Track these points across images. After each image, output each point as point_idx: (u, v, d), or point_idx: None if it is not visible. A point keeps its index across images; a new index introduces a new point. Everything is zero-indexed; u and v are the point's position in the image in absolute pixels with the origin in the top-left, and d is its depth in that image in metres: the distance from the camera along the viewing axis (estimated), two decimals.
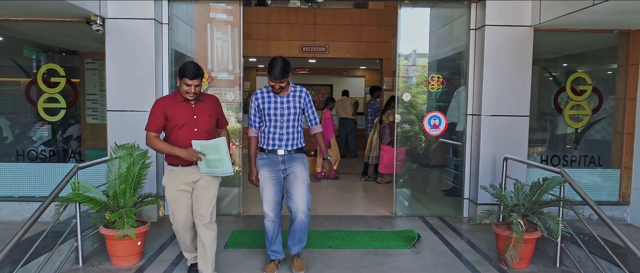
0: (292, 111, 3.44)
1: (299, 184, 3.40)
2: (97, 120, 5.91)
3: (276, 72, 3.26)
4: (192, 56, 5.37)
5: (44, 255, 3.37)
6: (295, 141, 3.49)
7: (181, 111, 3.16)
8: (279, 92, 3.40)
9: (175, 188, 3.23)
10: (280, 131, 3.44)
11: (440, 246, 4.33)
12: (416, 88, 5.55)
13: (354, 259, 3.92)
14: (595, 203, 3.37)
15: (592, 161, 5.47)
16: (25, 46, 5.81)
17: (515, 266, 3.69)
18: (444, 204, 5.69)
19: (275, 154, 3.46)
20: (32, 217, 3.12)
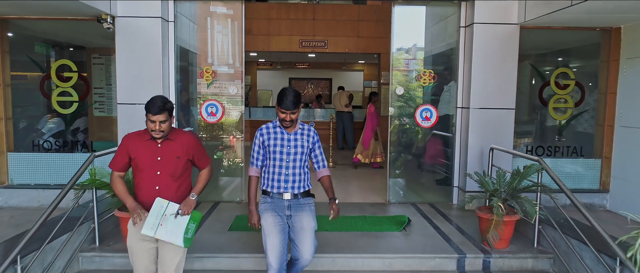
0: (299, 150, 3.13)
1: (307, 236, 3.10)
2: (103, 113, 6.18)
3: (288, 102, 2.98)
4: (195, 52, 5.67)
5: (66, 234, 3.70)
6: (302, 183, 3.17)
7: (145, 151, 2.86)
8: (288, 126, 3.11)
9: (136, 237, 2.87)
10: (286, 171, 3.11)
11: (429, 229, 4.66)
12: (409, 83, 5.86)
13: (348, 240, 4.26)
14: (569, 189, 3.68)
15: (575, 152, 5.79)
16: (37, 43, 6.10)
17: (496, 246, 4.02)
18: (435, 192, 6.01)
19: (281, 199, 3.12)
20: (55, 201, 3.43)
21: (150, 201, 2.83)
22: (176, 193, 2.91)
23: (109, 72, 6.05)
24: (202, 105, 5.57)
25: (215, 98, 5.60)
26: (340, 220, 4.90)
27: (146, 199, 2.87)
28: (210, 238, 4.28)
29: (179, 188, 2.93)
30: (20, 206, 5.31)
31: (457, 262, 3.96)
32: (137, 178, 2.92)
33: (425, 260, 3.97)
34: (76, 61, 5.81)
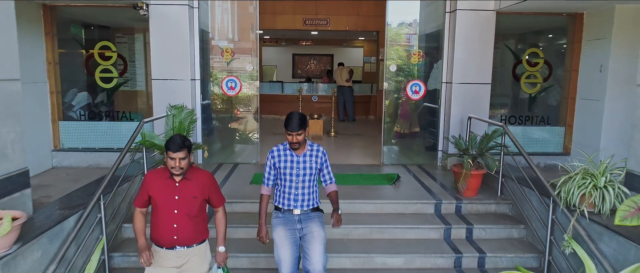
0: (308, 172, 3.33)
1: (317, 244, 3.25)
2: (127, 88, 7.02)
3: (293, 124, 3.17)
4: (216, 33, 6.55)
5: (126, 183, 4.68)
6: (311, 201, 3.38)
7: (163, 190, 2.92)
8: (296, 148, 3.29)
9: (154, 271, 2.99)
10: (296, 191, 3.32)
11: (415, 183, 5.66)
12: (402, 61, 6.76)
13: (347, 191, 5.25)
14: (524, 149, 4.61)
15: (543, 121, 6.74)
16: (73, 25, 6.93)
17: (466, 194, 5.01)
18: (424, 156, 6.99)
19: (291, 214, 3.34)
20: (119, 158, 4.34)
21: (166, 239, 2.93)
22: (192, 231, 2.98)
23: (132, 50, 6.90)
24: (223, 80, 6.49)
25: (234, 74, 6.51)
26: (341, 176, 5.89)
27: (163, 236, 2.94)
28: (236, 189, 5.29)
29: (195, 227, 2.99)
30: (72, 166, 6.29)
31: (434, 207, 4.96)
32: (154, 216, 2.97)
33: (410, 205, 4.97)
34: (102, 39, 6.63)
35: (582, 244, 3.53)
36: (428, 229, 4.64)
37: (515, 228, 4.68)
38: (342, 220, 3.42)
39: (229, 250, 4.13)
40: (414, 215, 4.90)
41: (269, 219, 3.46)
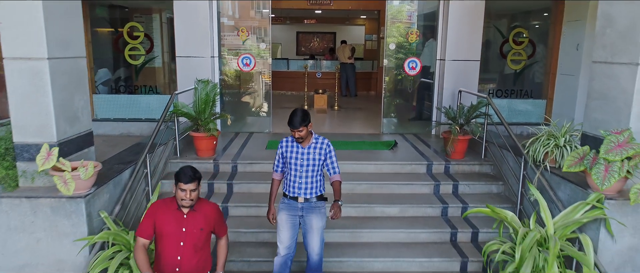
0: (312, 163, 3.58)
1: (314, 235, 3.61)
2: (151, 65, 7.72)
3: (295, 122, 3.42)
4: (233, 15, 7.24)
5: (161, 147, 5.45)
6: (315, 189, 3.63)
7: (171, 220, 2.88)
8: (301, 142, 3.54)
9: None
10: (300, 180, 3.59)
11: (410, 149, 6.45)
12: (400, 39, 7.45)
13: (351, 154, 6.04)
14: (504, 117, 5.34)
15: (526, 94, 7.49)
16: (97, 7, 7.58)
17: (453, 156, 5.79)
18: (419, 126, 7.76)
19: (295, 201, 3.62)
20: (158, 125, 5.06)
21: (170, 270, 2.89)
22: (197, 263, 2.97)
23: (148, 28, 7.56)
24: (239, 57, 7.20)
25: (249, 52, 7.23)
26: (345, 143, 6.67)
27: (167, 268, 2.91)
28: (254, 153, 6.08)
29: (199, 259, 2.98)
30: (106, 134, 7.06)
31: (426, 167, 5.75)
32: (159, 247, 2.93)
33: (405, 165, 5.76)
34: (122, 18, 7.29)
35: (545, 193, 4.33)
36: (420, 185, 5.44)
37: (494, 184, 5.48)
38: (350, 176, 4.17)
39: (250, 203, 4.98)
40: (408, 174, 5.69)
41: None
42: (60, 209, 3.53)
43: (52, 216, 3.54)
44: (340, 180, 3.74)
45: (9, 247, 3.59)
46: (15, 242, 3.58)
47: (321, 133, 7.02)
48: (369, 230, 4.80)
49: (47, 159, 3.37)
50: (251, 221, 4.90)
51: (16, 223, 3.55)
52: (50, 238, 3.58)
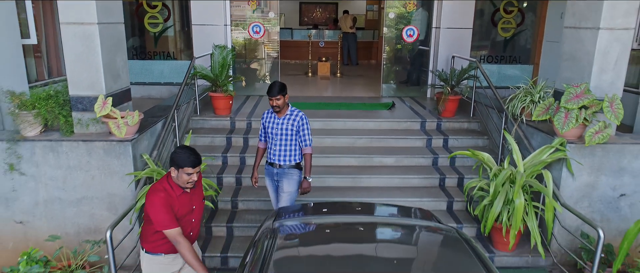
0: (285, 132, 3.92)
1: (283, 198, 4.03)
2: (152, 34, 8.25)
3: (273, 90, 3.83)
4: None
5: (184, 105, 6.12)
6: (289, 157, 3.98)
7: (183, 204, 2.96)
8: (278, 111, 3.90)
9: None
10: (275, 147, 3.99)
11: (407, 109, 7.12)
12: (399, 8, 8.01)
13: (353, 114, 6.72)
14: (490, 80, 5.98)
15: (515, 60, 8.11)
16: None
17: (444, 115, 6.46)
18: (416, 90, 8.40)
19: (272, 167, 4.05)
20: (182, 86, 5.71)
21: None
22: (199, 229, 3.24)
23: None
24: (250, 26, 7.79)
25: (259, 20, 7.81)
26: (347, 104, 7.33)
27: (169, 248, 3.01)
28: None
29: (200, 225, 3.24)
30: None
31: (420, 124, 6.43)
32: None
33: (401, 122, 6.44)
34: None
35: (521, 142, 5.01)
36: (414, 139, 6.14)
37: (480, 138, 6.16)
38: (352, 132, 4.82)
39: None
40: (404, 130, 6.38)
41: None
42: (111, 151, 4.24)
43: (105, 157, 4.24)
44: (310, 152, 4.02)
45: (69, 183, 4.31)
46: (75, 179, 4.30)
47: (325, 97, 7.79)
48: (368, 176, 5.52)
49: (103, 107, 4.05)
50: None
51: (75, 163, 4.26)
52: (103, 175, 4.30)
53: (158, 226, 2.88)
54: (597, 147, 4.33)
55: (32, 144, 4.22)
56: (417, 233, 2.74)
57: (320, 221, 3.06)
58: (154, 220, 2.89)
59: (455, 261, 2.41)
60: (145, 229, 3.04)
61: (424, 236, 2.75)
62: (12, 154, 4.19)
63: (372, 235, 2.81)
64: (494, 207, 4.25)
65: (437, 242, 2.71)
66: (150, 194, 2.91)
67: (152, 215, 2.88)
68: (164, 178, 2.99)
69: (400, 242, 2.74)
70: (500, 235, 4.48)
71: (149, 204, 2.89)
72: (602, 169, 4.42)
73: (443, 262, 2.46)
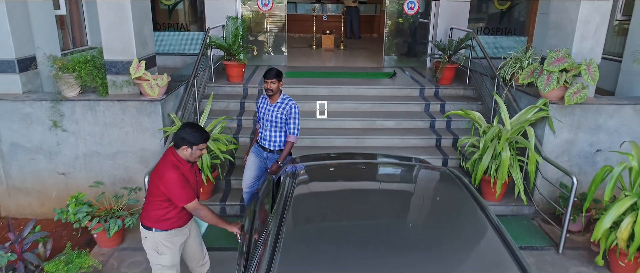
0: (275, 119, 4.04)
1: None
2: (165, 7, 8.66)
3: (269, 74, 3.97)
4: None
5: (201, 72, 6.60)
6: (278, 143, 4.12)
7: (191, 176, 3.08)
8: (271, 95, 4.01)
9: (177, 252, 3.19)
10: (265, 132, 4.13)
11: (407, 78, 7.60)
12: None
13: (355, 81, 7.21)
14: (484, 49, 6.45)
15: (510, 31, 8.53)
16: None
17: (441, 82, 6.95)
18: (416, 61, 8.86)
19: (263, 150, 4.21)
20: (199, 55, 6.17)
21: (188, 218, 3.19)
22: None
23: None
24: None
25: None
26: (351, 73, 7.81)
27: (187, 218, 3.18)
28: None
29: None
30: None
31: (419, 91, 6.93)
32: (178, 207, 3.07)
33: (402, 89, 6.94)
34: None
35: (511, 105, 5.52)
36: (414, 104, 6.64)
37: (474, 104, 6.66)
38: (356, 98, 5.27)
39: None
40: (404, 96, 6.88)
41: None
42: (143, 110, 4.76)
43: (137, 115, 4.76)
44: (293, 141, 4.09)
45: (105, 138, 4.85)
46: (110, 135, 4.83)
47: (329, 67, 8.26)
48: (371, 137, 6.05)
49: (137, 70, 4.55)
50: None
51: (110, 120, 4.79)
52: (135, 132, 4.83)
53: (181, 202, 2.97)
54: (576, 107, 4.84)
55: (73, 104, 4.74)
56: (416, 170, 3.27)
57: (332, 163, 3.60)
58: (175, 197, 2.94)
59: (447, 189, 2.94)
60: (157, 212, 3.03)
61: (422, 173, 3.27)
62: (55, 113, 4.71)
63: (377, 173, 3.35)
64: (483, 160, 4.79)
65: (433, 177, 3.23)
66: (166, 173, 2.92)
67: (172, 192, 2.92)
68: (169, 156, 3.00)
69: (402, 177, 3.27)
70: (488, 186, 5.04)
71: (168, 182, 2.91)
72: (580, 127, 4.94)
73: (438, 190, 2.99)
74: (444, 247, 2.22)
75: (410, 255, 2.12)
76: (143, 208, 3.14)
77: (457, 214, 2.56)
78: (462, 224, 2.45)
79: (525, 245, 4.63)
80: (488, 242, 2.23)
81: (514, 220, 5.10)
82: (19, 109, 4.72)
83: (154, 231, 3.07)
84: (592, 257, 4.33)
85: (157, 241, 3.08)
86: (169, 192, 2.95)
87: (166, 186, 2.93)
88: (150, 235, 3.09)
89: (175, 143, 3.00)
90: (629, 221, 3.73)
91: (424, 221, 2.57)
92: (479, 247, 2.23)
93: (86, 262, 3.66)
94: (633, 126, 4.94)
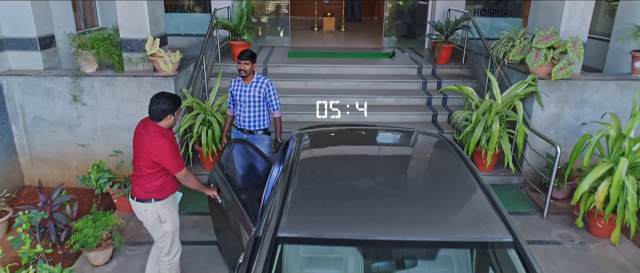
0: (252, 99, 4.09)
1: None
2: None
3: (244, 55, 4.04)
4: None
5: (209, 51, 6.91)
6: (258, 122, 4.19)
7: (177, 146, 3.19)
8: (244, 76, 4.04)
9: (176, 214, 3.33)
10: (244, 114, 4.16)
11: (406, 57, 7.90)
12: None
13: (355, 60, 7.51)
14: (479, 29, 6.74)
15: (507, 13, 8.79)
16: None
17: (438, 62, 7.26)
18: (415, 42, 9.15)
19: (241, 132, 4.23)
20: (207, 34, 6.50)
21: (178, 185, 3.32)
22: None
23: None
24: None
25: None
26: (352, 54, 8.11)
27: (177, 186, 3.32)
28: (279, 59, 7.55)
29: None
30: None
31: (417, 70, 7.23)
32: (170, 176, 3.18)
33: (400, 68, 7.25)
34: None
35: (503, 81, 5.83)
36: (412, 83, 6.96)
37: (469, 82, 6.98)
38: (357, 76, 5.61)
39: (280, 94, 6.47)
40: (403, 75, 7.19)
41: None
42: (157, 84, 5.08)
43: (152, 90, 5.09)
44: (279, 116, 4.24)
45: (122, 112, 5.19)
46: (127, 108, 5.17)
47: (331, 47, 8.54)
48: (371, 113, 6.38)
49: (152, 46, 4.87)
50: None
51: (126, 95, 5.12)
52: None
53: (174, 169, 3.07)
54: (563, 82, 5.16)
55: (91, 79, 5.07)
56: (414, 136, 3.60)
57: (335, 129, 3.94)
58: (169, 165, 3.04)
59: (440, 152, 3.27)
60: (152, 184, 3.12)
61: (419, 138, 3.60)
62: (75, 88, 5.04)
63: (376, 137, 3.69)
64: (475, 133, 5.12)
65: (428, 141, 3.56)
66: (156, 142, 2.99)
67: (166, 160, 3.02)
68: (151, 128, 3.06)
69: (399, 141, 3.60)
70: (480, 157, 5.39)
71: (161, 151, 2.99)
72: (567, 101, 5.27)
73: (432, 153, 3.32)
74: (435, 198, 2.55)
75: (406, 207, 2.44)
76: (133, 183, 3.19)
77: (448, 172, 2.89)
78: (453, 180, 2.77)
79: (513, 210, 5.00)
80: (470, 190, 2.57)
81: (504, 188, 5.46)
82: (41, 84, 5.05)
83: (153, 202, 3.15)
84: (574, 220, 4.70)
85: (158, 210, 3.19)
86: (162, 161, 3.02)
87: (159, 155, 3.00)
88: (150, 207, 3.17)
89: (156, 117, 3.03)
90: (605, 185, 4.08)
91: (418, 178, 2.90)
92: (464, 197, 2.56)
93: (111, 220, 4.02)
94: (616, 101, 5.27)
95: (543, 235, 4.58)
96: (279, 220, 2.27)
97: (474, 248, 2.50)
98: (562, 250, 4.35)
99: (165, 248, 3.32)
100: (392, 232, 2.23)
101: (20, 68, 5.20)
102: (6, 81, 5.03)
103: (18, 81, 5.03)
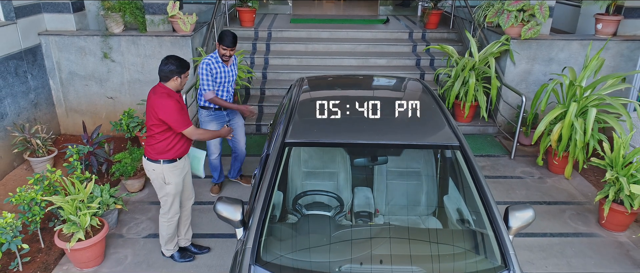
0: (232, 78, 4.28)
1: (241, 132, 4.48)
2: None
3: (228, 41, 3.95)
4: None
5: (219, 16, 7.59)
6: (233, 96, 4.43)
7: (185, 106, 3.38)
8: (227, 60, 4.07)
9: (180, 180, 3.47)
10: (227, 92, 4.28)
11: (400, 24, 8.57)
12: None
13: (352, 26, 8.19)
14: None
15: None
16: None
17: (428, 27, 7.92)
18: (408, 10, 9.77)
19: (221, 111, 4.27)
20: (215, 11, 7.18)
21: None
22: None
23: None
24: None
25: None
26: (349, 20, 8.77)
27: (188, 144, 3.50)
28: (282, 24, 8.22)
29: None
30: None
31: (408, 34, 7.92)
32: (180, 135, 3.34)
33: (393, 33, 7.93)
34: None
35: (483, 43, 6.53)
36: (403, 46, 7.65)
37: (456, 45, 7.65)
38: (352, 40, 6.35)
39: (282, 56, 7.19)
40: (395, 39, 7.88)
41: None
42: (176, 43, 5.80)
43: (172, 48, 5.81)
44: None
45: (145, 68, 5.92)
46: (149, 64, 5.90)
47: (330, 15, 9.19)
48: (365, 72, 7.11)
49: (173, 8, 5.57)
50: (283, 66, 7.20)
51: (149, 52, 5.85)
52: None
53: (180, 127, 3.20)
54: (533, 42, 5.86)
55: (118, 39, 5.79)
56: (398, 80, 4.33)
57: (332, 75, 4.69)
58: (174, 122, 3.19)
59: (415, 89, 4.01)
60: (160, 145, 3.29)
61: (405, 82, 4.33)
62: (105, 46, 5.76)
63: (366, 81, 4.44)
64: (454, 87, 5.87)
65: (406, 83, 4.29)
66: (161, 101, 3.15)
67: (171, 118, 3.16)
68: (158, 89, 3.23)
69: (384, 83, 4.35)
70: (459, 109, 6.15)
71: (166, 109, 3.14)
72: (536, 59, 5.99)
73: (408, 88, 4.07)
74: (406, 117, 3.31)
75: (384, 122, 3.20)
76: (146, 143, 3.41)
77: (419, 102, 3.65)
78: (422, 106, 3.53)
79: (485, 154, 5.79)
80: (433, 112, 3.34)
81: (480, 137, 6.25)
82: (75, 43, 5.78)
83: (161, 163, 3.34)
84: (536, 160, 5.50)
85: (164, 171, 3.37)
86: (168, 119, 3.17)
87: (165, 113, 3.14)
88: (158, 168, 3.36)
89: (164, 77, 3.21)
90: (559, 127, 4.85)
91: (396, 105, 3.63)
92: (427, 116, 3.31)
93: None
94: (579, 59, 5.98)
95: (508, 172, 5.39)
96: (286, 132, 3.05)
97: (431, 149, 3.34)
98: (523, 183, 5.16)
99: (165, 207, 3.55)
100: (371, 138, 3.01)
101: (56, 29, 5.91)
102: (44, 40, 5.75)
103: (55, 40, 5.76)
